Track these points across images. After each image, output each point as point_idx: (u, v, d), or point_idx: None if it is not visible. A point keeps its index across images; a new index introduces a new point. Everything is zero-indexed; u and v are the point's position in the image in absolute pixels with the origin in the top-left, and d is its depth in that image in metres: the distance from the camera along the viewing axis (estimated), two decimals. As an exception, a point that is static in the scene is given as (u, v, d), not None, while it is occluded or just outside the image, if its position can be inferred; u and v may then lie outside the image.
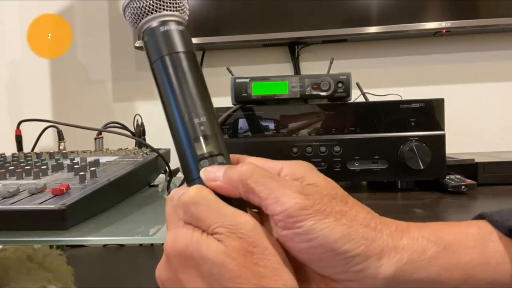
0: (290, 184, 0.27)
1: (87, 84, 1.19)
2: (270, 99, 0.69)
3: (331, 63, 0.82)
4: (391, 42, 1.07)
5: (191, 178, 0.30)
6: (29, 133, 0.98)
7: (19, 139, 0.95)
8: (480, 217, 0.30)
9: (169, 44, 0.32)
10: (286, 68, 1.10)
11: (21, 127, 0.95)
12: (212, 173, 0.28)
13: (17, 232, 0.47)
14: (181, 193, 0.28)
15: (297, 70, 1.08)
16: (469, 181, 0.63)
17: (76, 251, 1.03)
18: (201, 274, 0.25)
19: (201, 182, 0.29)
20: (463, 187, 0.62)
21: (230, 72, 0.82)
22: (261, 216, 0.29)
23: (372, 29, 0.96)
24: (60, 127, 0.95)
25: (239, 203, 0.28)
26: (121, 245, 1.06)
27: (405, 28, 0.95)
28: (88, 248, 1.05)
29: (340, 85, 0.67)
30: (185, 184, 0.31)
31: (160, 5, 0.33)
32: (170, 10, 0.33)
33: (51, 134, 1.06)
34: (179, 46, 0.32)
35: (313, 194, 0.26)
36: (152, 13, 0.33)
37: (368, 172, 0.65)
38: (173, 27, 0.33)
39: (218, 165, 0.29)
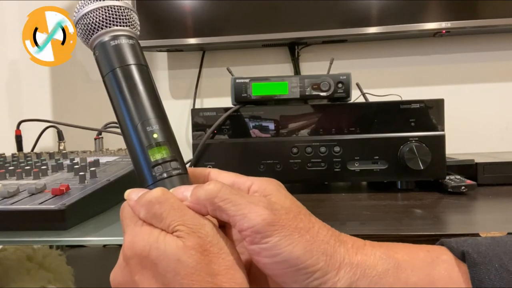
0: (257, 200, 0.27)
1: (87, 84, 1.19)
2: (270, 99, 0.69)
3: (331, 63, 0.82)
4: (391, 42, 1.07)
5: (146, 185, 0.31)
6: (29, 133, 0.98)
7: (19, 139, 0.95)
8: (441, 243, 0.31)
9: (120, 57, 0.34)
10: (286, 69, 1.10)
11: (21, 127, 0.95)
12: (180, 193, 0.29)
13: (17, 232, 0.47)
14: (142, 193, 0.29)
15: (297, 71, 1.08)
16: (469, 181, 0.63)
17: (76, 251, 1.03)
18: (157, 274, 0.26)
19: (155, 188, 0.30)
20: (463, 187, 0.62)
21: (230, 72, 0.82)
22: (226, 229, 0.31)
23: (372, 30, 0.96)
24: (60, 127, 0.95)
25: None
26: (121, 245, 1.05)
27: (405, 29, 0.95)
28: (88, 248, 1.05)
29: (340, 85, 0.67)
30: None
31: (110, 20, 0.34)
32: (121, 25, 0.35)
33: (51, 134, 1.07)
34: (130, 59, 0.34)
35: (279, 210, 0.27)
36: (103, 28, 0.34)
37: (368, 173, 0.66)
38: (123, 41, 0.34)
39: (186, 185, 0.30)
